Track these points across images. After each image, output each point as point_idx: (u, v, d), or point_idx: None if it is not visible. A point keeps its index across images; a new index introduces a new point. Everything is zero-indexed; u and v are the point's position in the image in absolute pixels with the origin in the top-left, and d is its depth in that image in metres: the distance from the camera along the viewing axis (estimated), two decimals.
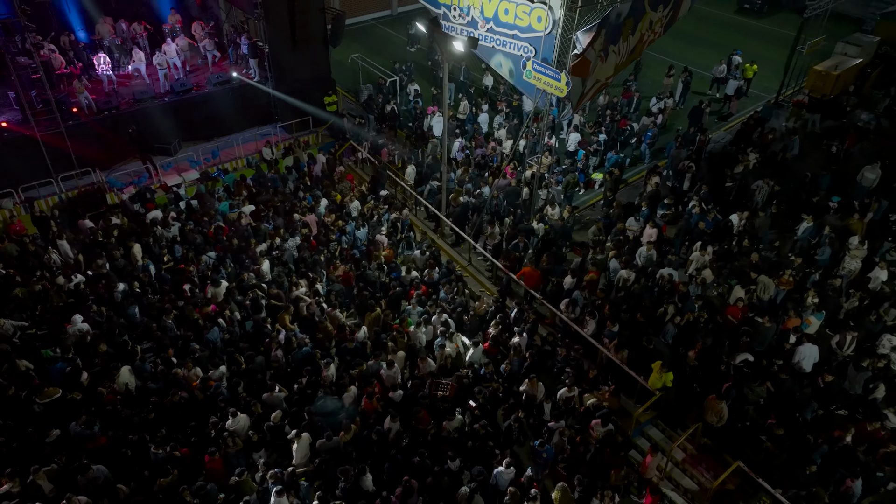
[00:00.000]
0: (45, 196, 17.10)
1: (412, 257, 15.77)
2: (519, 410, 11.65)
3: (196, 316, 13.24)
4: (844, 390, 11.63)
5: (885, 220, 16.70)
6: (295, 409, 11.54)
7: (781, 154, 19.16)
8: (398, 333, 13.08)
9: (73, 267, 14.61)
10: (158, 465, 10.50)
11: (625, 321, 12.92)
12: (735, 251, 15.30)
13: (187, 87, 19.23)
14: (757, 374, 11.86)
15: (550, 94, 14.51)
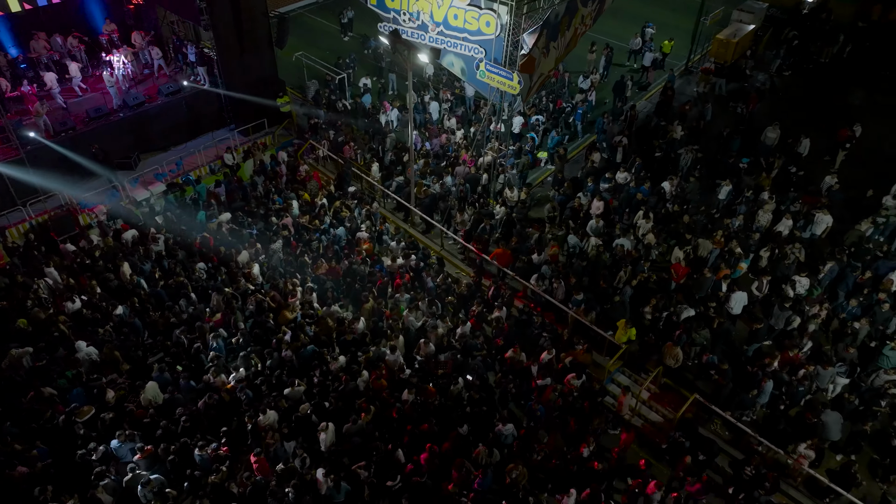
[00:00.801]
0: (14, 223, 17.11)
1: (389, 248, 17.19)
2: (509, 378, 13.58)
3: (205, 326, 14.21)
4: (770, 326, 14.27)
5: (787, 174, 19.57)
6: (317, 399, 12.94)
7: (699, 122, 21.68)
8: (394, 321, 14.61)
9: (68, 292, 15.05)
10: (205, 466, 11.73)
11: (588, 287, 15.02)
12: (669, 215, 17.65)
13: (140, 100, 19.38)
14: (700, 319, 14.32)
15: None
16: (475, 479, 11.46)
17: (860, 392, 13.18)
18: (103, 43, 21.08)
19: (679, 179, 18.64)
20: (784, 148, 20.51)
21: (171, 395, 12.88)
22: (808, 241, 16.84)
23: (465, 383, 13.43)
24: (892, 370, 13.10)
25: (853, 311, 14.55)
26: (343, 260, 16.44)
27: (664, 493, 11.28)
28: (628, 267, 15.29)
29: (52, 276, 15.39)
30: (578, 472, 11.87)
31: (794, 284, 15.32)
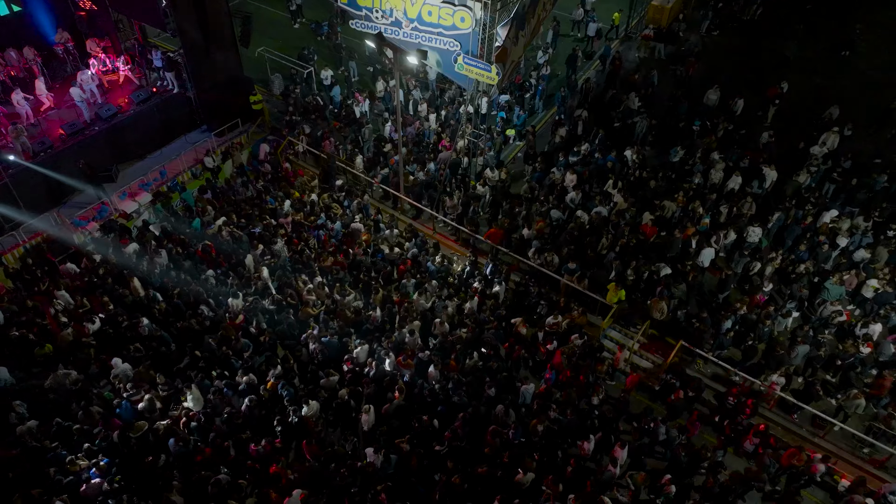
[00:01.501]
0: (10, 248, 17.07)
1: (384, 236, 18.28)
2: (518, 347, 15.19)
3: (231, 332, 15.02)
4: (736, 274, 16.45)
5: (731, 135, 21.72)
6: (353, 386, 14.15)
7: (647, 89, 23.48)
8: (408, 305, 15.85)
9: (86, 312, 15.43)
10: (261, 458, 12.82)
11: (575, 255, 16.70)
12: (637, 181, 19.45)
13: (112, 111, 19.29)
14: (676, 275, 16.32)
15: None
16: (508, 434, 13.14)
17: (811, 323, 15.63)
18: (59, 53, 20.62)
19: (637, 146, 20.47)
20: (725, 108, 22.67)
21: (215, 399, 13.78)
22: (760, 195, 19.07)
23: (481, 356, 14.96)
24: (835, 301, 15.57)
25: (801, 255, 16.91)
26: (344, 253, 17.43)
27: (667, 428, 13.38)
28: (610, 233, 17.07)
29: (64, 298, 15.69)
30: (592, 420, 13.74)
31: (748, 234, 17.55)
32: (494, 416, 13.48)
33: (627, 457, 13.19)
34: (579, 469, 12.79)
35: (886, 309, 15.54)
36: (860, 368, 14.48)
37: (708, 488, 12.52)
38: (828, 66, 26.02)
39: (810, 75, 25.38)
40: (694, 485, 12.92)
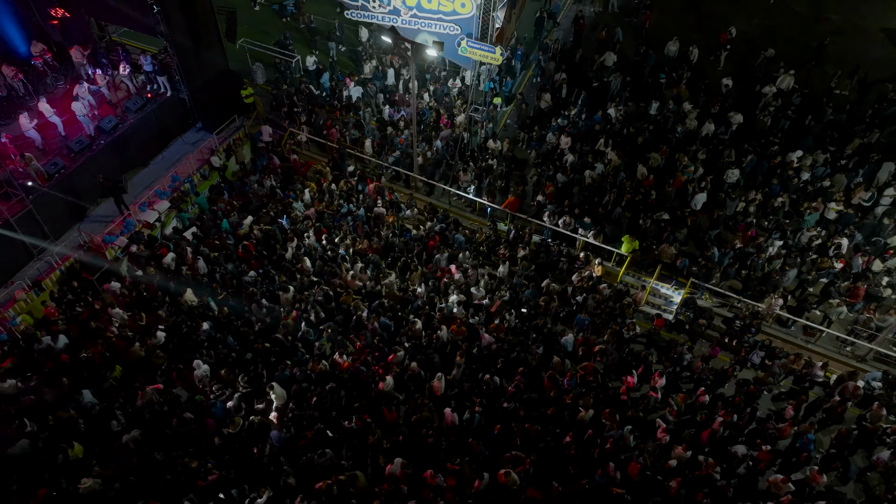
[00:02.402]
0: (46, 273, 17.21)
1: (406, 216, 19.47)
2: (553, 301, 17.06)
3: (292, 325, 16.11)
4: (726, 215, 18.84)
5: (695, 83, 23.80)
6: (420, 357, 15.65)
7: (614, 45, 25.09)
8: (448, 278, 17.33)
9: (146, 326, 16.06)
10: (353, 435, 14.27)
11: (587, 213, 18.57)
12: (625, 137, 21.29)
13: (113, 122, 19.18)
14: (676, 221, 18.52)
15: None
16: (564, 381, 15.14)
17: (790, 248, 18.28)
18: (39, 67, 20.05)
19: (617, 104, 22.27)
20: (685, 58, 24.70)
21: (299, 387, 15.00)
22: (729, 139, 21.38)
23: (520, 315, 16.76)
24: (812, 228, 18.24)
25: (775, 189, 19.42)
26: (375, 236, 18.58)
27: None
28: (613, 190, 18.98)
29: (119, 315, 16.22)
30: (631, 358, 15.94)
31: (728, 176, 19.88)
32: (553, 366, 15.39)
33: (665, 383, 15.48)
34: (629, 400, 15.05)
35: (850, 228, 18.33)
36: (837, 282, 17.26)
37: (736, 404, 15.02)
38: (765, 6, 28.39)
39: (748, 17, 27.70)
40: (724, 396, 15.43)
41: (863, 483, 14.57)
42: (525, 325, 16.66)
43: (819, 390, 15.99)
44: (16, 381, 14.64)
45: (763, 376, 15.78)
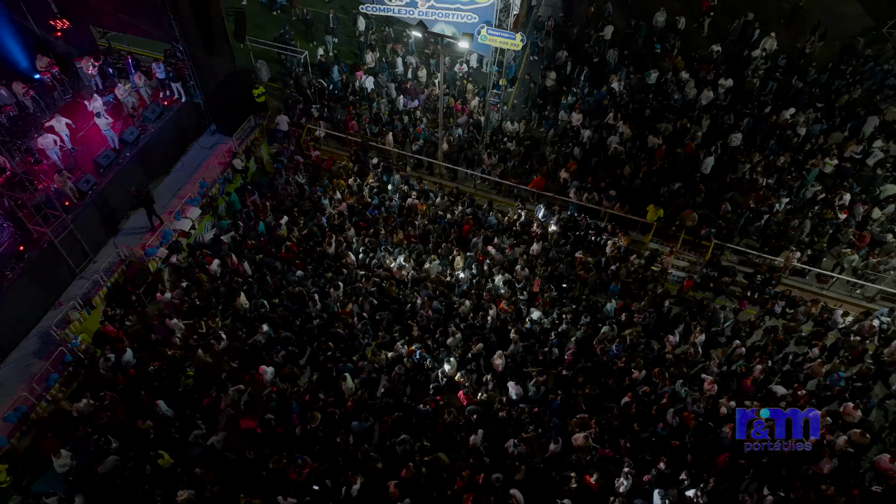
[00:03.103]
0: (95, 291, 17.27)
1: (435, 203, 20.09)
2: (591, 271, 18.11)
3: (348, 319, 16.73)
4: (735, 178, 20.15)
5: (686, 52, 24.88)
6: (476, 337, 16.50)
7: (606, 18, 25.87)
8: (490, 261, 18.14)
9: (205, 333, 16.40)
10: (427, 417, 15.13)
11: (610, 185, 19.58)
12: (633, 110, 22.28)
13: (135, 134, 19.08)
14: (689, 187, 19.72)
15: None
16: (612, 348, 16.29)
17: (795, 203, 19.75)
18: (47, 81, 19.67)
19: (619, 76, 23.20)
20: (672, 27, 25.71)
21: (368, 376, 15.71)
22: (726, 105, 22.63)
23: (560, 289, 17.78)
24: (814, 184, 19.71)
25: (773, 149, 20.78)
26: (410, 225, 19.18)
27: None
28: (630, 163, 20.02)
29: (177, 326, 16.51)
30: (668, 318, 17.19)
31: (731, 140, 21.16)
32: (602, 336, 16.49)
33: (705, 340, 16.78)
34: (674, 357, 16.32)
35: (849, 181, 19.88)
36: (843, 230, 18.83)
37: (768, 351, 16.46)
38: None
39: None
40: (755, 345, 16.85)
41: (883, 410, 16.28)
42: (565, 297, 17.70)
43: (836, 332, 17.59)
44: (89, 400, 14.90)
45: (790, 324, 17.26)
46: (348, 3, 26.90)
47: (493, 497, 13.40)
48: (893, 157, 20.79)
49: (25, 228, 16.29)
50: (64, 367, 15.69)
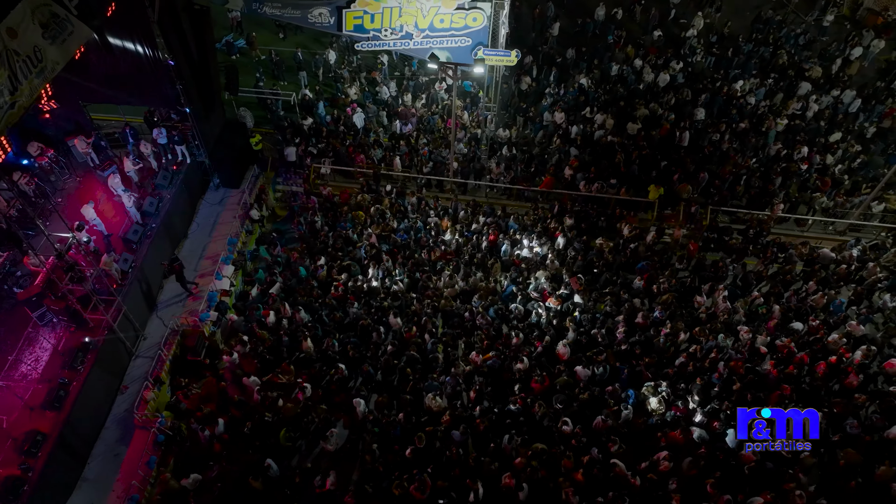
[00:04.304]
0: (160, 365, 17.16)
1: (459, 218, 21.26)
2: (608, 254, 20.02)
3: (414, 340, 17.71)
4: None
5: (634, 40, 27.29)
6: (536, 333, 17.96)
7: (550, 20, 27.86)
8: (526, 264, 19.61)
9: (287, 384, 16.83)
10: (520, 412, 16.46)
11: (611, 174, 21.57)
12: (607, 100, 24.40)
13: (154, 203, 18.95)
14: (674, 162, 22.08)
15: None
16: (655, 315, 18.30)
17: (762, 161, 22.61)
18: (46, 165, 19.07)
19: (584, 72, 25.26)
20: (613, 19, 28.11)
21: (452, 390, 16.80)
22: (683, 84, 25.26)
23: (593, 275, 19.60)
24: (776, 142, 22.63)
25: (734, 118, 23.57)
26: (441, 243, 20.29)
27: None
28: (620, 150, 22.10)
29: (255, 383, 16.83)
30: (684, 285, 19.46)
31: (696, 114, 23.73)
32: (637, 308, 18.47)
33: (728, 294, 19.08)
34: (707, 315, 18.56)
35: (802, 135, 22.98)
36: (805, 177, 21.85)
37: (778, 293, 19.06)
38: None
39: None
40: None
41: (874, 324, 19.31)
42: (597, 282, 19.53)
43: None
44: (196, 475, 15.05)
45: (786, 266, 19.98)
46: (305, 40, 27.38)
47: (598, 470, 15.01)
48: (827, 107, 24.17)
49: (81, 319, 16.02)
50: (158, 447, 15.68)
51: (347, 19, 19.27)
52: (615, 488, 14.39)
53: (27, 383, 15.25)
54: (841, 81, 25.21)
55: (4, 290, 16.64)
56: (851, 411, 16.16)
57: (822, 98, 24.41)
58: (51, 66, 12.18)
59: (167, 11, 16.88)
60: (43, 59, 11.88)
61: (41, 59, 11.85)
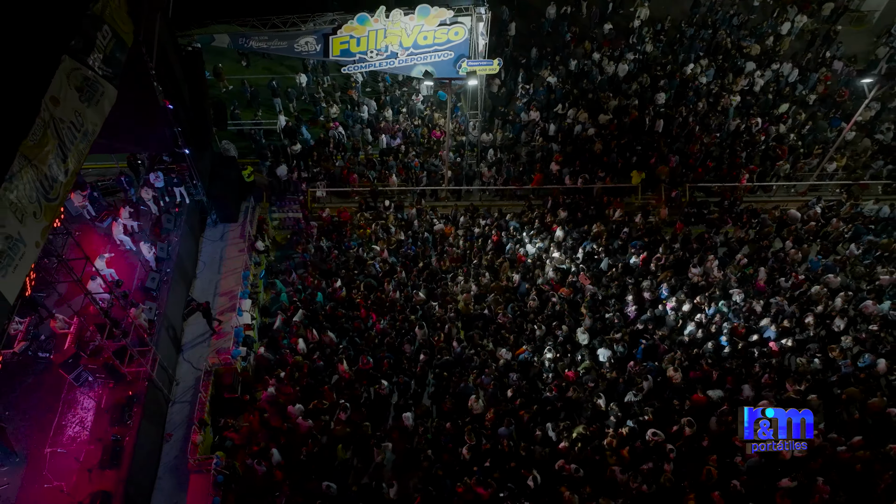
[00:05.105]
0: (201, 408, 17.22)
1: (460, 223, 22.09)
2: (603, 237, 21.40)
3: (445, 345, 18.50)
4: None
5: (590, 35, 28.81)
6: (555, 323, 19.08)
7: (510, 20, 28.96)
8: (533, 259, 20.69)
9: (330, 406, 17.27)
10: (556, 400, 17.56)
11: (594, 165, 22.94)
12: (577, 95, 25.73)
13: (166, 247, 18.88)
14: (647, 146, 23.71)
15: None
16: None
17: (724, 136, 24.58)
18: None
19: (549, 70, 26.55)
20: (564, 16, 29.55)
21: (490, 387, 17.70)
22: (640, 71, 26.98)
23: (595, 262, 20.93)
24: (735, 118, 24.64)
25: (691, 100, 25.43)
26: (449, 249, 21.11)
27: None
28: (599, 141, 23.52)
29: (299, 410, 17.19)
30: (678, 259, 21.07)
31: (658, 99, 25.46)
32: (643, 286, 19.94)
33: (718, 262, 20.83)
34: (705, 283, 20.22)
35: (754, 108, 25.08)
36: (764, 147, 23.96)
37: (764, 258, 20.95)
38: None
39: None
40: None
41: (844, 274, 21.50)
42: (596, 266, 20.88)
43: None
44: None
45: (763, 230, 21.93)
46: (270, 65, 27.48)
47: (640, 441, 16.31)
48: (770, 81, 26.44)
49: (119, 373, 15.95)
50: (218, 488, 15.84)
51: (334, 45, 19.75)
52: (654, 457, 15.70)
53: (78, 445, 15.12)
54: (777, 56, 27.57)
55: (29, 357, 16.35)
56: (843, 353, 18.13)
57: (765, 73, 26.65)
58: (91, 129, 12.25)
59: (162, 57, 16.90)
60: (84, 123, 11.96)
61: (83, 123, 11.92)
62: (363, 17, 19.17)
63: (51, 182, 10.91)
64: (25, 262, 10.17)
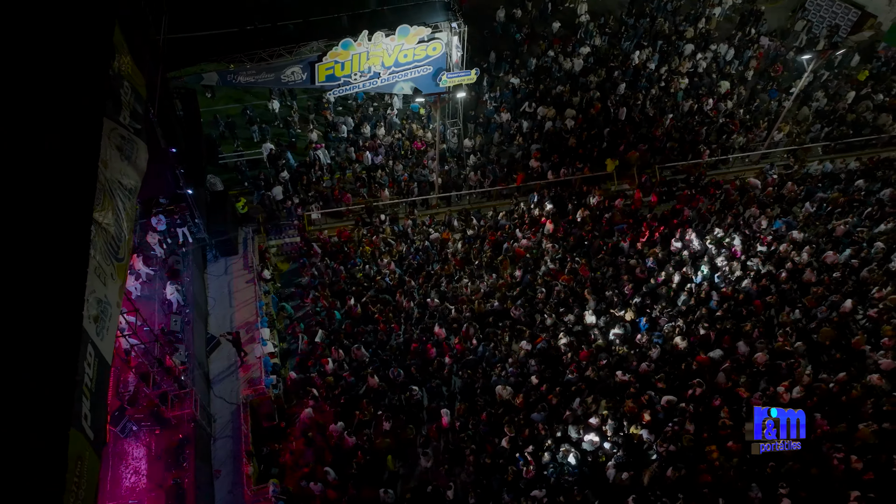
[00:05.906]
0: (245, 443, 17.56)
1: (455, 228, 23.09)
2: (590, 223, 22.93)
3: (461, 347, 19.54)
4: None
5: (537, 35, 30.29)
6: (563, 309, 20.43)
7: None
8: (529, 255, 21.95)
9: (368, 419, 18.00)
10: (576, 382, 18.94)
11: (572, 157, 24.40)
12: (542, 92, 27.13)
13: (183, 288, 19.00)
14: (616, 134, 25.42)
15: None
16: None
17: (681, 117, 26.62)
18: None
19: (513, 72, 27.87)
20: (512, 18, 30.93)
21: (516, 379, 18.87)
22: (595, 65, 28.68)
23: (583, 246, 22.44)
24: (685, 100, 26.67)
25: (645, 85, 27.33)
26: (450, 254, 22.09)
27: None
28: (571, 135, 25.02)
29: (341, 427, 17.83)
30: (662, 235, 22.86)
31: (619, 90, 27.24)
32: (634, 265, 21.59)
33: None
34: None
35: (703, 88, 27.23)
36: (717, 124, 26.13)
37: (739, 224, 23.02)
38: None
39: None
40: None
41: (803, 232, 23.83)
42: (588, 250, 22.41)
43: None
44: None
45: (729, 199, 24.02)
46: (236, 94, 27.56)
47: (660, 408, 17.90)
48: (710, 61, 28.72)
49: (164, 419, 16.16)
50: None
51: (319, 72, 20.31)
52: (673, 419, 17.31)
53: (139, 494, 15.30)
54: (712, 37, 29.92)
55: None
56: (819, 301, 20.31)
57: (705, 54, 28.91)
58: (133, 186, 12.57)
59: (162, 102, 17.08)
60: (129, 181, 12.28)
61: (128, 181, 12.24)
62: (347, 42, 19.82)
63: (116, 242, 11.26)
64: (113, 323, 10.54)
